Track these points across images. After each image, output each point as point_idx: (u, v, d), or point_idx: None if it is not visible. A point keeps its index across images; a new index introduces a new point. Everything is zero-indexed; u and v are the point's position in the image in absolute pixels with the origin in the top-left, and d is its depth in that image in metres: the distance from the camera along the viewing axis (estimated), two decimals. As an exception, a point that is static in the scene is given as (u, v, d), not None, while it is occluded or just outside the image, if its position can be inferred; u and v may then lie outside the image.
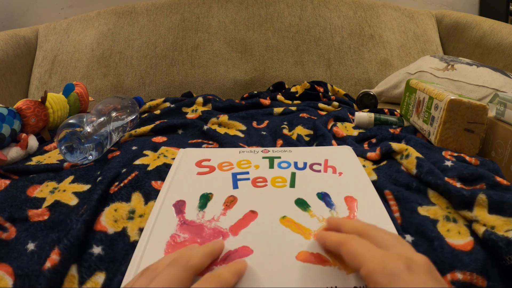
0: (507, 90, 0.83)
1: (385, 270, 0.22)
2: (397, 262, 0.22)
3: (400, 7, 1.32)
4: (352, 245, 0.26)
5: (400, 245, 0.25)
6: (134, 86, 1.18)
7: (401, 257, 0.23)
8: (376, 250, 0.24)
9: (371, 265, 0.23)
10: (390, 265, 0.22)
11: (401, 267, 0.22)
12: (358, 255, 0.24)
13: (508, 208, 0.35)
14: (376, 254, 0.24)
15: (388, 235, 0.26)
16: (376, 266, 0.23)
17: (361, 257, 0.24)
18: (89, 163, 0.50)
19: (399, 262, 0.22)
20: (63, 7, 1.43)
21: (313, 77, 1.18)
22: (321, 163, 0.45)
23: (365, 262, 0.24)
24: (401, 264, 0.22)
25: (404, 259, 0.23)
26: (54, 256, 0.32)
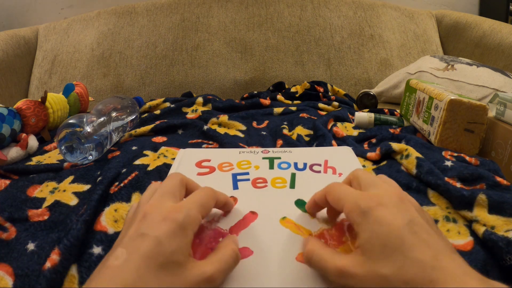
0: (507, 90, 0.83)
1: (358, 208, 0.25)
2: (369, 200, 0.25)
3: (400, 7, 1.32)
4: (334, 190, 0.29)
5: (380, 184, 0.28)
6: (134, 86, 1.18)
7: (373, 196, 0.26)
8: (353, 192, 0.27)
9: (348, 206, 0.26)
10: (362, 204, 0.25)
11: (372, 204, 0.25)
12: (339, 199, 0.28)
13: (508, 208, 0.35)
14: (352, 195, 0.27)
15: (372, 176, 0.29)
16: (352, 206, 0.26)
17: (341, 200, 0.27)
18: (89, 163, 0.50)
19: (370, 200, 0.25)
20: (63, 7, 1.43)
21: (313, 77, 1.18)
22: (321, 163, 0.45)
23: (344, 204, 0.27)
24: (372, 202, 0.25)
25: (374, 197, 0.26)
26: (54, 256, 0.32)
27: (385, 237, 0.23)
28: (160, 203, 0.27)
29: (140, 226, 0.25)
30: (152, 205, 0.26)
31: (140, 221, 0.25)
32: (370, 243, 0.24)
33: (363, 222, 0.25)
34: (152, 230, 0.24)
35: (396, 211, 0.24)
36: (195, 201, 0.28)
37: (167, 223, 0.24)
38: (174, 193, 0.28)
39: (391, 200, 0.25)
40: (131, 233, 0.25)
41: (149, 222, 0.25)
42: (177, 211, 0.26)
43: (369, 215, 0.24)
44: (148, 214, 0.25)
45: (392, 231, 0.23)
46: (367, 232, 0.24)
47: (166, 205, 0.26)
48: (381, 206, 0.25)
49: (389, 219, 0.24)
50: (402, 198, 0.26)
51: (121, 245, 0.24)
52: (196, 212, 0.27)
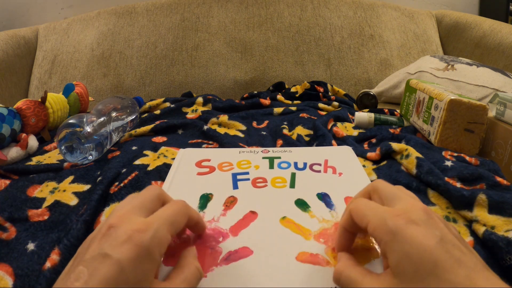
0: (507, 90, 0.83)
1: (386, 227, 0.24)
2: (397, 218, 0.24)
3: (400, 7, 1.32)
4: (358, 207, 0.27)
5: (404, 197, 0.26)
6: (134, 86, 1.18)
7: (401, 212, 0.24)
8: (378, 208, 0.26)
9: (374, 223, 0.25)
10: (390, 222, 0.24)
11: (401, 222, 0.23)
12: (364, 216, 0.26)
13: (508, 208, 0.35)
14: (378, 212, 0.25)
15: (392, 188, 0.28)
16: (378, 223, 0.24)
17: (366, 216, 0.26)
18: (89, 163, 0.50)
19: (398, 218, 0.24)
20: (63, 7, 1.43)
21: (313, 77, 1.18)
22: (321, 163, 0.45)
23: (369, 221, 0.25)
24: (401, 220, 0.23)
25: (403, 214, 0.24)
26: (54, 256, 0.32)
27: (418, 259, 0.22)
28: (128, 216, 0.25)
29: (103, 244, 0.23)
30: (119, 216, 0.25)
31: (104, 236, 0.23)
32: (402, 266, 0.22)
33: (392, 242, 0.23)
34: (115, 252, 0.22)
35: (426, 229, 0.23)
36: (165, 218, 0.25)
37: (131, 246, 0.22)
38: (148, 207, 0.26)
39: (420, 217, 0.24)
40: (93, 249, 0.23)
41: (113, 240, 0.23)
42: (143, 230, 0.23)
43: (399, 234, 0.23)
44: (112, 228, 0.24)
45: (425, 253, 0.22)
46: (398, 253, 0.23)
47: (135, 220, 0.24)
48: (411, 225, 0.23)
49: (420, 239, 0.22)
50: (429, 212, 0.25)
51: (82, 263, 0.22)
52: (165, 231, 0.25)
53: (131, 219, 0.25)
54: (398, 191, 0.28)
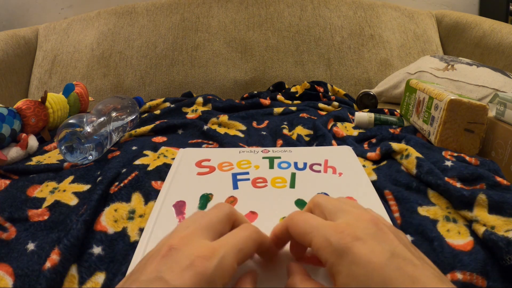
0: (507, 90, 0.83)
1: (331, 247, 0.22)
2: (341, 235, 0.22)
3: (400, 7, 1.32)
4: (297, 223, 0.25)
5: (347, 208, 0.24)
6: (134, 86, 1.18)
7: (345, 227, 0.22)
8: (321, 224, 0.24)
9: (317, 242, 0.23)
10: (335, 241, 0.22)
11: (346, 240, 0.21)
12: (304, 234, 0.24)
13: (508, 208, 0.35)
14: (321, 229, 0.23)
15: (335, 201, 0.26)
16: (322, 243, 0.22)
17: (308, 234, 0.23)
18: (89, 163, 0.50)
19: (343, 235, 0.22)
20: (63, 7, 1.43)
21: (313, 77, 1.18)
22: (321, 163, 0.45)
23: (312, 240, 0.23)
24: (346, 237, 0.22)
25: (348, 229, 0.22)
26: (54, 256, 0.32)
27: (366, 280, 0.20)
28: (192, 239, 0.22)
29: (162, 266, 0.21)
30: (182, 238, 0.22)
31: (164, 258, 0.21)
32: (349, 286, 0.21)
33: (338, 263, 0.21)
34: (174, 278, 0.20)
35: (375, 244, 0.21)
36: (233, 244, 0.23)
37: (192, 274, 0.20)
38: (215, 228, 0.24)
39: (367, 231, 0.22)
40: (150, 270, 0.21)
41: (173, 264, 0.21)
42: (208, 257, 0.21)
43: (345, 254, 0.21)
44: (174, 250, 0.22)
45: (374, 272, 0.20)
46: (344, 276, 0.21)
47: (199, 244, 0.22)
48: (357, 241, 0.21)
49: (368, 257, 0.21)
50: (377, 223, 0.23)
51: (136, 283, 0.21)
52: (231, 260, 0.22)
53: (195, 242, 0.22)
54: (341, 203, 0.26)
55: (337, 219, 0.24)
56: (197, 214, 0.26)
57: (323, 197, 0.27)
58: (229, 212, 0.26)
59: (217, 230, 0.24)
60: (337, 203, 0.26)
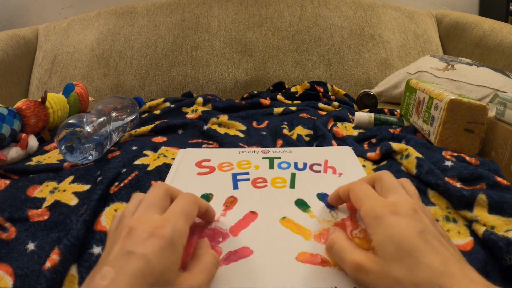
0: (507, 90, 0.83)
1: (373, 213, 0.27)
2: (384, 207, 0.26)
3: (400, 7, 1.32)
4: (356, 190, 0.30)
5: (399, 191, 0.29)
6: (134, 86, 1.18)
7: (389, 204, 0.27)
8: (372, 196, 0.29)
9: (364, 209, 0.28)
10: (378, 210, 0.27)
11: (386, 211, 0.26)
12: (359, 200, 0.29)
13: (508, 208, 0.35)
14: (371, 200, 0.28)
15: (394, 181, 0.30)
16: (368, 209, 0.27)
17: (360, 201, 0.29)
18: (89, 163, 0.50)
19: (385, 208, 0.26)
20: (63, 7, 1.43)
21: (313, 77, 1.18)
22: (321, 163, 0.45)
23: (362, 206, 0.28)
24: (387, 209, 0.26)
25: (390, 206, 0.26)
26: (54, 256, 0.32)
27: (398, 241, 0.24)
28: (145, 216, 0.26)
29: (126, 243, 0.24)
30: (137, 219, 0.25)
31: (125, 238, 0.24)
32: (383, 245, 0.25)
33: (376, 226, 0.26)
34: (139, 248, 0.23)
35: (409, 220, 0.25)
36: (180, 211, 0.27)
37: (154, 240, 0.24)
38: (159, 204, 0.27)
39: (406, 210, 0.26)
40: (117, 250, 0.24)
41: (135, 239, 0.24)
42: (163, 225, 0.25)
43: (383, 220, 0.26)
44: (133, 230, 0.24)
45: (405, 237, 0.24)
46: (381, 235, 0.25)
47: (152, 219, 0.25)
48: (394, 215, 0.26)
49: (402, 226, 0.25)
50: (417, 209, 0.27)
51: (107, 264, 0.23)
52: (183, 223, 0.26)
53: (149, 218, 0.25)
54: (398, 185, 0.29)
55: (388, 197, 0.28)
56: (138, 196, 0.29)
57: (387, 174, 0.31)
58: (166, 187, 0.29)
59: (161, 206, 0.27)
60: (395, 183, 0.30)
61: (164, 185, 0.30)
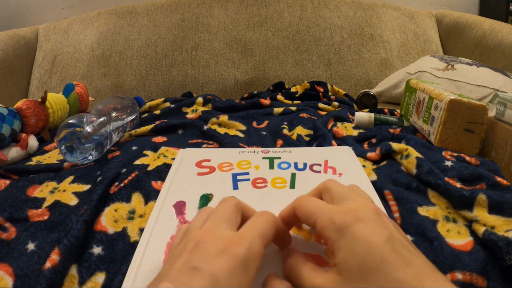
0: (507, 90, 0.83)
1: (334, 225, 0.23)
2: (345, 215, 0.23)
3: (400, 7, 1.32)
4: (304, 205, 0.26)
5: (353, 196, 0.26)
6: (134, 86, 1.18)
7: (349, 210, 0.24)
8: (326, 207, 0.25)
9: (321, 221, 0.24)
10: (338, 220, 0.23)
11: (348, 220, 0.23)
12: (310, 214, 0.25)
13: (508, 208, 0.35)
14: (326, 210, 0.25)
15: (344, 188, 0.27)
16: (326, 221, 0.24)
17: (313, 215, 0.25)
18: (89, 163, 0.50)
19: (346, 216, 0.23)
20: (63, 7, 1.43)
21: (313, 77, 1.18)
22: (321, 163, 0.45)
23: (317, 219, 0.24)
24: (349, 217, 0.23)
25: (351, 212, 0.24)
26: (54, 256, 0.32)
27: (364, 255, 0.21)
28: (215, 231, 0.23)
29: (191, 258, 0.21)
30: (206, 232, 0.23)
31: (192, 251, 0.22)
32: (347, 263, 0.22)
33: (339, 240, 0.23)
34: (207, 265, 0.20)
35: (375, 227, 0.23)
36: (257, 230, 0.24)
37: (225, 258, 0.21)
38: (231, 219, 0.25)
39: (369, 215, 0.23)
40: (180, 264, 0.21)
41: (203, 254, 0.21)
42: (238, 243, 0.22)
43: (346, 231, 0.22)
44: (201, 243, 0.22)
45: (372, 249, 0.21)
46: (344, 251, 0.22)
47: (223, 234, 0.23)
48: (358, 222, 0.23)
49: (367, 236, 0.22)
50: (379, 212, 0.24)
51: (167, 278, 0.20)
52: (259, 245, 0.23)
53: (221, 233, 0.23)
54: (350, 191, 0.27)
55: (343, 204, 0.25)
56: (206, 210, 0.27)
57: (333, 182, 0.28)
58: (237, 202, 0.27)
59: (233, 221, 0.25)
60: (346, 190, 0.27)
61: (235, 200, 0.27)
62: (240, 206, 0.27)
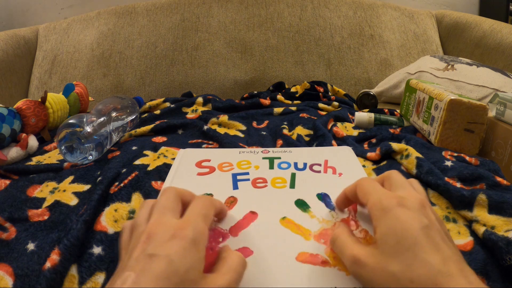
0: (507, 90, 0.83)
1: (380, 205, 0.26)
2: (391, 199, 0.26)
3: (400, 7, 1.32)
4: (363, 185, 0.30)
5: (408, 187, 0.29)
6: (134, 86, 1.18)
7: (396, 197, 0.27)
8: (379, 190, 0.28)
9: (371, 200, 0.27)
10: (384, 202, 0.26)
11: (393, 203, 0.26)
12: (366, 193, 0.29)
13: (508, 208, 0.35)
14: (378, 193, 0.28)
15: (403, 179, 0.30)
16: (375, 201, 0.27)
17: (368, 194, 0.29)
18: (89, 163, 0.50)
19: (392, 200, 0.26)
20: (63, 7, 1.43)
21: (313, 77, 1.18)
22: (321, 163, 0.45)
23: (369, 198, 0.28)
24: (394, 201, 0.26)
25: (398, 198, 0.26)
26: (54, 256, 0.32)
27: (400, 234, 0.24)
28: (163, 220, 0.25)
29: (146, 247, 0.23)
30: (155, 223, 0.25)
31: (145, 242, 0.24)
32: (385, 238, 0.25)
33: (381, 218, 0.26)
34: (162, 250, 0.23)
35: (415, 214, 0.25)
36: (198, 213, 0.27)
37: (176, 241, 0.23)
38: (173, 208, 0.27)
39: (412, 204, 0.26)
40: (136, 254, 0.23)
41: (156, 242, 0.23)
42: (184, 227, 0.24)
43: (389, 212, 0.25)
44: (153, 234, 0.24)
45: (408, 230, 0.24)
46: (384, 228, 0.25)
47: (170, 222, 0.25)
48: (402, 207, 0.25)
49: (407, 219, 0.25)
50: (424, 204, 0.27)
51: (127, 268, 0.22)
52: (203, 225, 0.26)
53: (168, 222, 0.25)
54: (407, 183, 0.30)
55: (396, 192, 0.28)
56: (147, 203, 0.29)
57: (396, 173, 0.31)
58: (177, 191, 0.29)
59: (176, 209, 0.27)
60: (403, 181, 0.30)
61: (174, 189, 0.29)
62: (179, 194, 0.29)
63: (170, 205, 0.27)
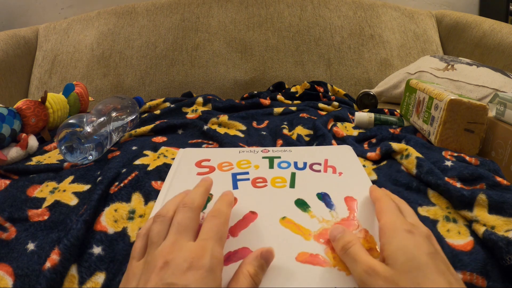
0: (507, 90, 0.83)
1: (393, 225, 0.28)
2: (404, 224, 0.28)
3: (400, 7, 1.32)
4: (383, 202, 0.32)
5: (417, 219, 0.31)
6: (134, 86, 1.18)
7: (408, 223, 0.29)
8: (395, 213, 0.30)
9: (385, 219, 0.30)
10: (398, 223, 0.28)
11: (405, 227, 0.28)
12: (382, 211, 0.31)
13: (508, 208, 0.35)
14: (393, 216, 0.30)
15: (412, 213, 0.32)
16: (389, 221, 0.29)
17: (384, 213, 0.31)
18: (89, 163, 0.50)
19: (405, 224, 0.28)
20: (63, 7, 1.43)
21: (313, 77, 1.18)
22: (321, 163, 0.45)
23: (382, 218, 0.30)
24: (405, 226, 0.28)
25: (409, 225, 0.28)
26: (54, 256, 0.32)
27: (411, 254, 0.26)
28: (180, 244, 0.26)
29: (164, 275, 0.24)
30: (171, 247, 0.26)
31: (162, 269, 0.24)
32: (395, 255, 0.26)
33: (393, 237, 0.27)
34: (180, 280, 0.23)
35: (423, 241, 0.27)
36: (214, 236, 0.27)
37: (194, 272, 0.24)
38: (191, 227, 0.28)
39: (422, 233, 0.28)
40: (154, 283, 0.23)
41: (174, 270, 0.24)
42: (201, 255, 0.25)
43: (400, 233, 0.27)
44: (170, 261, 0.24)
45: (417, 251, 0.26)
46: (395, 246, 0.27)
47: (187, 248, 0.26)
48: (411, 233, 0.27)
49: (416, 243, 0.26)
50: (431, 237, 0.29)
51: None
52: (219, 250, 0.26)
53: (184, 247, 0.26)
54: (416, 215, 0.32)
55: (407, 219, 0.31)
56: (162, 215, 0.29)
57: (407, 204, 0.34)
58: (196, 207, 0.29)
59: (194, 228, 0.28)
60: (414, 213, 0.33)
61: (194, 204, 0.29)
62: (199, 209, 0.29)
63: (188, 224, 0.28)
